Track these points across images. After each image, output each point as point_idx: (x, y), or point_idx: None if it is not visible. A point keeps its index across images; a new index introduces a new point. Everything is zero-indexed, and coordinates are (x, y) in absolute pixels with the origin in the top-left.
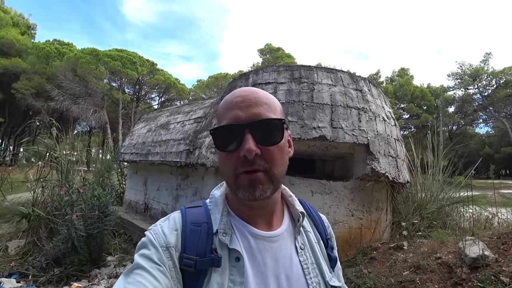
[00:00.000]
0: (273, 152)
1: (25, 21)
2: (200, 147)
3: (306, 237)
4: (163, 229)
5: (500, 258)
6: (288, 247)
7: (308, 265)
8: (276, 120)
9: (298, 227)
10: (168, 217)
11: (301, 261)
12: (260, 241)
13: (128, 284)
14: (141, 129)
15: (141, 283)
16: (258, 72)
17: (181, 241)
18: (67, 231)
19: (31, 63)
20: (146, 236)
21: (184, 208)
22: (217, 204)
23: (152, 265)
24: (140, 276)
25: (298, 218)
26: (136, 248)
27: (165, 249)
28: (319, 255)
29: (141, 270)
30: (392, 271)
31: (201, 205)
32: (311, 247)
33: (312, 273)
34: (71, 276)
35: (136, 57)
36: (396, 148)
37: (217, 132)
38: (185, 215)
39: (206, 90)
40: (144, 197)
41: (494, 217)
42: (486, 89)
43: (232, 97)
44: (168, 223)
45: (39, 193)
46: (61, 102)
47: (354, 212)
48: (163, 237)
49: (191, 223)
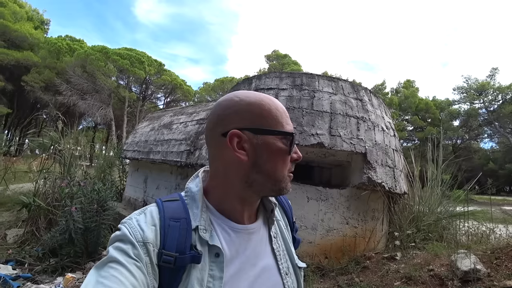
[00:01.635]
0: None
1: (39, 16)
2: (200, 148)
3: (277, 226)
4: (139, 223)
5: (492, 273)
6: (263, 236)
7: (280, 252)
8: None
9: (272, 218)
10: (144, 211)
11: (274, 249)
12: (240, 234)
13: (101, 278)
14: (144, 127)
15: (116, 277)
16: (261, 77)
17: (160, 237)
18: (66, 223)
19: (42, 57)
20: (121, 230)
21: (160, 201)
22: (195, 199)
23: (129, 259)
24: (115, 270)
25: (272, 208)
26: (110, 240)
27: (142, 244)
28: (288, 240)
29: (116, 264)
30: (383, 281)
31: (178, 198)
32: (281, 235)
33: (283, 259)
34: (66, 267)
35: (144, 57)
36: (394, 158)
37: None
38: (162, 209)
39: (211, 93)
40: (143, 195)
41: (491, 232)
42: (491, 104)
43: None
44: (145, 217)
45: (41, 184)
46: (68, 96)
47: (349, 220)
48: (140, 232)
49: (170, 218)
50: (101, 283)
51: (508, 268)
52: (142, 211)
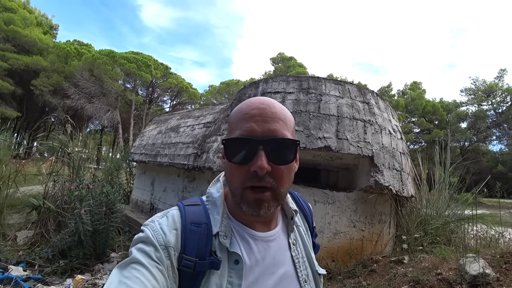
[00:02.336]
0: (283, 171)
1: (48, 22)
2: (207, 151)
3: (297, 232)
4: (161, 226)
5: (501, 277)
6: (283, 244)
7: (299, 259)
8: (291, 140)
9: (292, 225)
10: (166, 214)
11: (293, 256)
12: (259, 241)
13: (124, 278)
14: (151, 130)
15: (139, 279)
16: (267, 81)
17: (181, 241)
18: (75, 225)
19: (51, 62)
20: (145, 232)
21: (182, 205)
22: (216, 205)
23: (151, 262)
24: (137, 272)
25: (292, 216)
26: (133, 241)
27: (164, 248)
28: (308, 246)
29: (139, 265)
30: (391, 285)
31: (199, 203)
32: (302, 241)
33: (302, 266)
34: (75, 269)
35: (151, 60)
36: (401, 161)
37: (230, 142)
38: (184, 213)
39: (217, 96)
40: (150, 197)
41: (500, 236)
42: (500, 105)
43: (249, 108)
44: (167, 221)
45: (50, 187)
46: (76, 100)
47: (356, 223)
48: (162, 235)
49: (191, 223)
50: (124, 283)
51: None
52: (164, 214)
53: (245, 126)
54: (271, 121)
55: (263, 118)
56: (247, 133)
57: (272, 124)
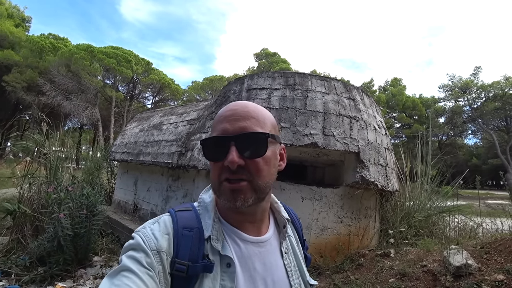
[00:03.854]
0: (258, 164)
1: (20, 14)
2: (192, 149)
3: (289, 241)
4: (153, 232)
5: (483, 267)
6: (274, 251)
7: (291, 268)
8: (261, 134)
9: (284, 233)
10: (158, 220)
11: (285, 264)
12: (250, 246)
13: (115, 287)
14: (133, 128)
15: (129, 286)
16: (253, 77)
17: (173, 246)
18: (54, 230)
19: (24, 56)
20: (135, 239)
21: (173, 211)
22: (208, 210)
23: (141, 268)
24: (127, 279)
25: (284, 224)
26: (123, 249)
27: (156, 253)
28: (299, 257)
29: (129, 272)
30: (378, 278)
31: (190, 208)
32: (293, 251)
33: (295, 275)
34: (56, 276)
35: (131, 55)
36: (386, 157)
37: (206, 142)
38: (176, 219)
39: (200, 92)
40: (133, 197)
41: (479, 226)
42: (475, 101)
43: (224, 111)
44: (159, 227)
45: (25, 190)
46: (52, 97)
47: (343, 219)
48: (154, 240)
49: (183, 227)
50: None
51: (498, 263)
52: (156, 220)
53: (220, 126)
54: (242, 119)
55: (235, 117)
56: (220, 132)
57: (243, 122)
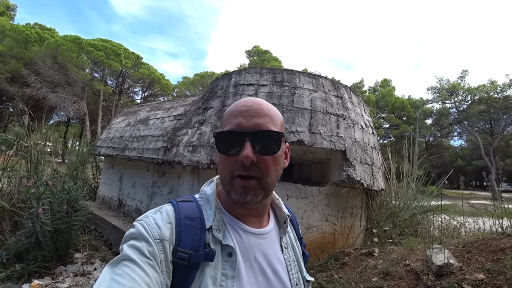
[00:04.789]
0: (268, 161)
1: (5, 1)
2: (178, 144)
3: (288, 237)
4: (156, 221)
5: (464, 267)
6: (274, 244)
7: (291, 262)
8: (275, 132)
9: (284, 229)
10: (160, 210)
11: (285, 258)
12: (251, 237)
13: (116, 276)
14: (119, 122)
15: (130, 276)
16: (241, 72)
17: (176, 235)
18: (32, 225)
19: (8, 46)
20: (136, 227)
21: (175, 201)
22: (209, 201)
23: (143, 258)
24: (129, 269)
25: (284, 220)
26: (124, 238)
27: (158, 241)
28: (298, 253)
29: (130, 262)
30: (362, 277)
31: (192, 199)
32: (292, 246)
33: (294, 270)
34: (34, 273)
35: (121, 49)
36: (372, 156)
37: (221, 135)
38: (178, 208)
39: (191, 88)
40: (118, 193)
41: (462, 226)
42: (461, 104)
43: (238, 106)
44: (161, 216)
45: (5, 184)
46: (37, 89)
47: (329, 217)
48: (157, 229)
49: (185, 217)
50: (115, 281)
51: (479, 262)
52: (158, 210)
53: (234, 121)
54: (257, 116)
55: (250, 114)
56: (235, 127)
57: (258, 118)
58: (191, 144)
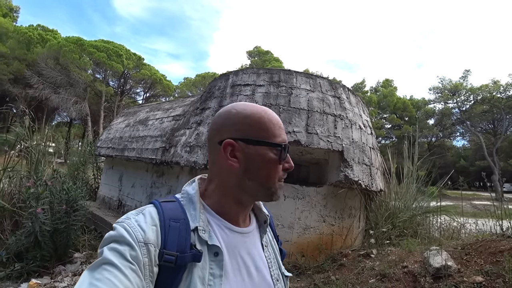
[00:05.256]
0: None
1: (7, 3)
2: (176, 145)
3: (267, 236)
4: (139, 223)
5: (462, 269)
6: (256, 243)
7: (271, 260)
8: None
9: (265, 228)
10: (142, 211)
11: (266, 256)
12: (236, 235)
13: (95, 280)
14: (119, 123)
15: (111, 281)
16: (238, 73)
17: (161, 237)
18: (31, 225)
19: (11, 48)
20: (117, 230)
21: (157, 202)
22: (192, 201)
23: (124, 262)
24: (109, 273)
25: (265, 220)
26: (103, 240)
27: (143, 245)
28: (276, 251)
29: (111, 266)
30: (359, 279)
31: (174, 200)
32: (271, 245)
33: (274, 266)
34: (33, 272)
35: (122, 50)
36: (371, 156)
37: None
38: (161, 210)
39: (192, 88)
40: (118, 193)
41: (462, 227)
42: (464, 104)
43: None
44: (144, 218)
45: (5, 184)
46: (40, 90)
47: (326, 218)
48: (141, 232)
49: (170, 218)
50: (95, 285)
51: (477, 264)
52: (140, 211)
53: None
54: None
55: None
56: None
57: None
58: (188, 145)
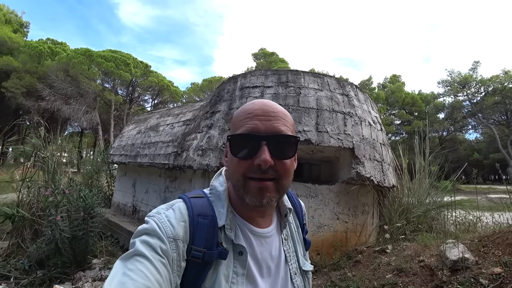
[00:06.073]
0: (286, 164)
1: (18, 19)
2: (187, 149)
3: (289, 228)
4: (169, 219)
5: (480, 261)
6: (276, 239)
7: (290, 253)
8: (292, 137)
9: (285, 222)
10: (172, 206)
11: (284, 250)
12: (257, 237)
13: (128, 270)
14: (130, 130)
15: (143, 272)
16: (246, 75)
17: (190, 233)
18: (51, 233)
19: (23, 62)
20: (150, 224)
21: (186, 197)
22: (220, 199)
23: (155, 255)
24: (141, 264)
25: (285, 213)
26: (136, 232)
27: (172, 240)
28: (297, 243)
29: (143, 258)
30: (375, 274)
31: (203, 195)
32: (291, 237)
33: (292, 260)
34: (54, 279)
35: (130, 59)
36: (381, 152)
37: (235, 138)
38: (190, 206)
39: (199, 93)
40: (132, 200)
41: (478, 220)
42: (475, 96)
43: (252, 108)
44: (174, 214)
45: (24, 194)
46: (52, 102)
47: (340, 215)
48: (171, 228)
49: (198, 215)
50: (128, 276)
51: (495, 256)
52: (170, 206)
53: (250, 123)
54: (273, 120)
55: (266, 117)
56: (251, 129)
57: (274, 122)
58: (200, 148)
